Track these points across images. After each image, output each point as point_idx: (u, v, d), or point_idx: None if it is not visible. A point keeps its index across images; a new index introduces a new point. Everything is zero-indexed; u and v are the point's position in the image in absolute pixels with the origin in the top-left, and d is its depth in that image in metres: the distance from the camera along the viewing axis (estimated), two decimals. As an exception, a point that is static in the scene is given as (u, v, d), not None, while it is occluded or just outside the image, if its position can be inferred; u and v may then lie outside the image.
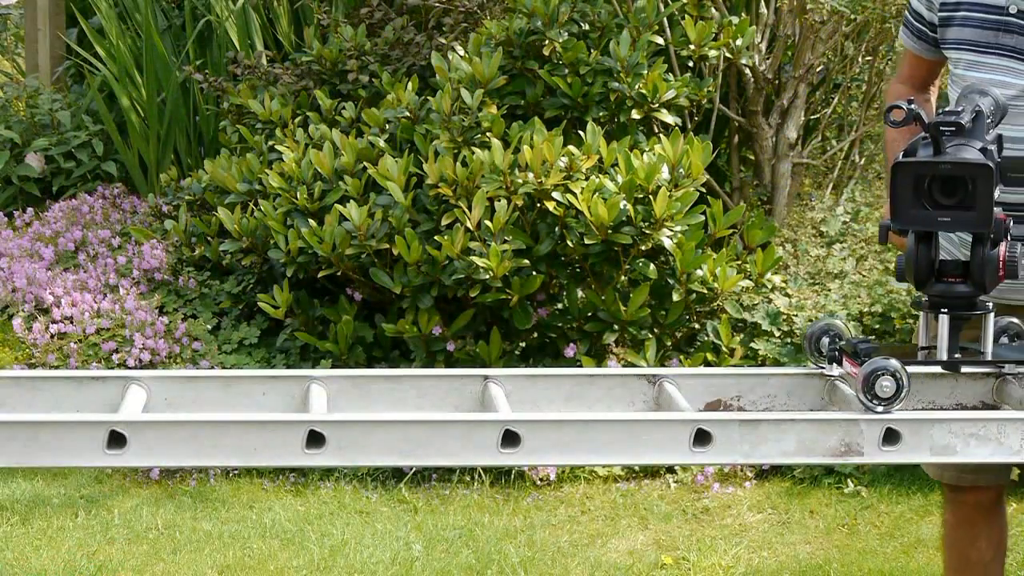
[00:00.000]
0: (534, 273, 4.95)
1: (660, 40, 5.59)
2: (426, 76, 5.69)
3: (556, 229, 4.96)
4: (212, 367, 5.23)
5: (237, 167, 5.56)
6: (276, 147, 5.48)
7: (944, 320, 2.39)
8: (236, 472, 4.98)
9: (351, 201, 5.04)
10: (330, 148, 5.23)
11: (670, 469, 4.99)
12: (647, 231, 4.88)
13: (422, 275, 4.95)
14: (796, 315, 5.21)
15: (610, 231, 4.84)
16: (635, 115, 5.32)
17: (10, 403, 2.42)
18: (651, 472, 4.98)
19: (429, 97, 5.28)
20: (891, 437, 2.25)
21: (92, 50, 7.44)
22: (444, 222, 4.91)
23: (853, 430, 2.24)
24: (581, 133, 5.13)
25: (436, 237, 4.91)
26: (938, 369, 2.44)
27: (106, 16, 7.10)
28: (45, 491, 4.85)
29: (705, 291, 5.06)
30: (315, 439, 2.22)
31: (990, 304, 2.43)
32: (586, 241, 4.87)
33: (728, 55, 5.72)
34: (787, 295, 5.36)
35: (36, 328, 5.38)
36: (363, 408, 2.49)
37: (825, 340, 2.49)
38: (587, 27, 5.51)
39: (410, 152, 5.17)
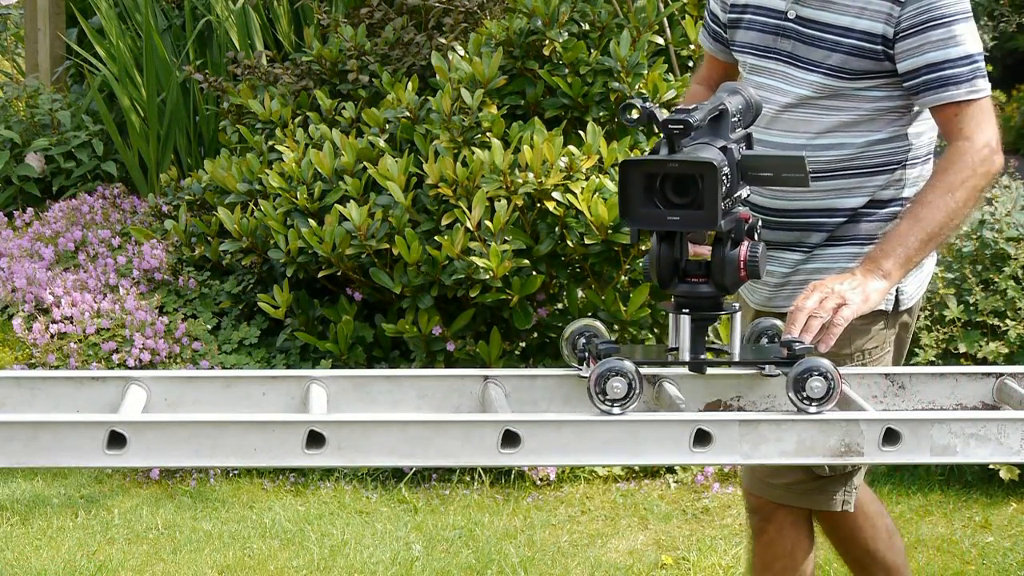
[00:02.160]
0: (534, 273, 4.95)
1: (660, 40, 5.58)
2: (426, 76, 5.69)
3: (556, 229, 4.96)
4: (212, 367, 5.23)
5: (237, 167, 5.56)
6: (276, 147, 5.48)
7: (686, 321, 2.38)
8: (236, 472, 4.98)
9: (351, 201, 5.04)
10: (330, 148, 5.23)
11: (670, 469, 4.99)
12: (647, 231, 4.88)
13: (422, 275, 4.95)
14: (796, 315, 5.20)
15: (610, 231, 4.84)
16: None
17: (10, 403, 2.42)
18: (651, 472, 4.98)
19: (429, 97, 5.28)
20: (891, 437, 2.25)
21: (92, 50, 7.44)
22: (444, 222, 4.91)
23: (853, 430, 2.25)
24: (581, 133, 5.13)
25: (436, 237, 4.91)
26: (684, 370, 2.43)
27: (106, 16, 7.10)
28: (45, 491, 4.85)
29: (705, 291, 5.05)
30: (315, 439, 2.22)
31: (737, 305, 2.42)
32: (586, 241, 4.87)
33: (728, 55, 5.71)
34: (787, 295, 5.36)
35: (36, 328, 5.38)
36: (363, 408, 2.49)
37: (582, 340, 2.47)
38: (587, 27, 5.51)
39: (410, 152, 5.17)
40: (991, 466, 4.79)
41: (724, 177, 2.29)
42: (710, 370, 2.44)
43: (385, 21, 6.12)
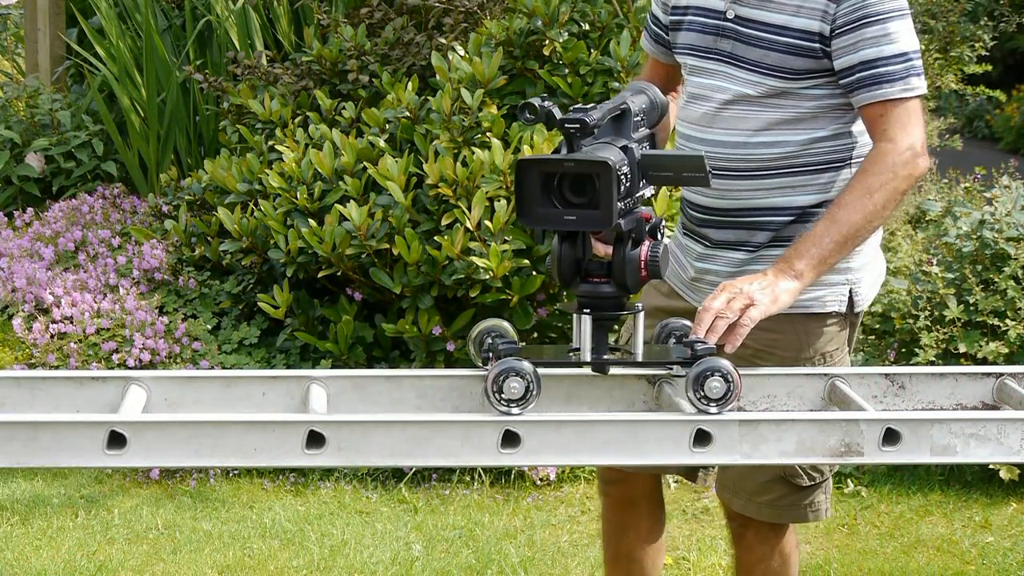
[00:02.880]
0: (534, 273, 4.95)
1: (660, 40, 5.58)
2: (426, 76, 5.69)
3: (556, 229, 4.95)
4: (212, 367, 5.23)
5: (237, 167, 5.56)
6: (276, 147, 5.48)
7: (587, 320, 2.37)
8: (236, 472, 4.98)
9: (351, 201, 5.04)
10: (330, 148, 5.23)
11: (670, 469, 4.99)
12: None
13: (422, 275, 4.95)
14: (796, 315, 5.20)
15: (610, 231, 4.84)
16: (635, 115, 5.32)
17: (10, 403, 2.42)
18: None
19: (429, 97, 5.28)
20: (891, 437, 2.25)
21: (92, 50, 7.44)
22: (444, 222, 4.91)
23: (853, 430, 2.24)
24: (581, 133, 5.12)
25: (436, 237, 4.91)
26: (587, 371, 2.41)
27: (106, 16, 7.10)
28: (45, 491, 4.85)
29: (705, 291, 5.06)
30: (315, 439, 2.22)
31: (639, 305, 2.40)
32: (586, 241, 4.87)
33: (728, 55, 5.71)
34: (787, 295, 5.36)
35: (36, 328, 5.38)
36: (363, 408, 2.49)
37: (488, 340, 2.46)
38: (587, 27, 5.51)
39: (410, 152, 5.17)
40: (991, 466, 4.79)
41: (623, 176, 2.27)
42: (614, 369, 2.41)
43: (385, 21, 6.11)
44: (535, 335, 5.17)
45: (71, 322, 5.45)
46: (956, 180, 6.88)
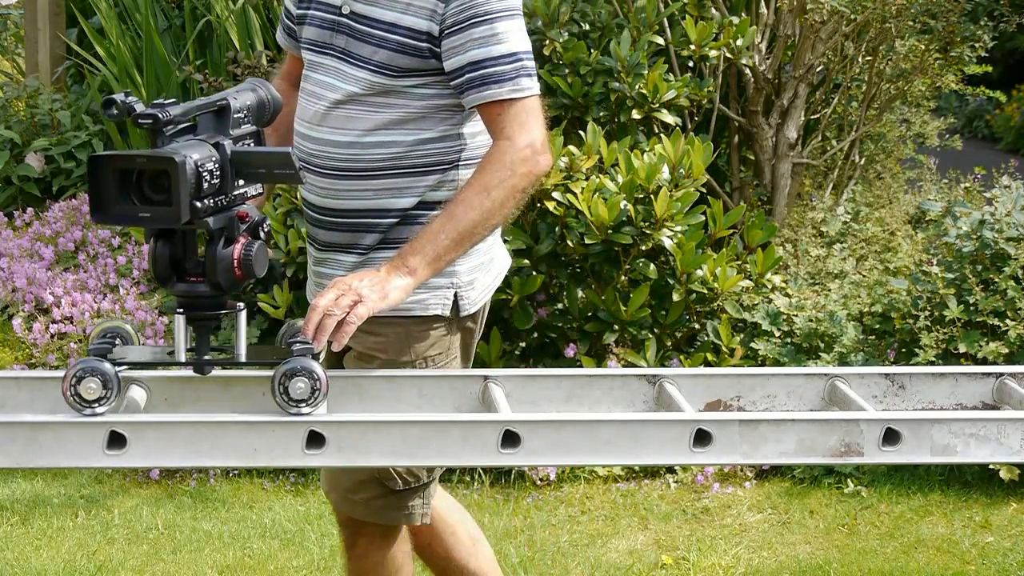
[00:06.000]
0: (534, 273, 4.95)
1: (660, 40, 5.59)
2: (426, 76, 5.69)
3: (556, 229, 4.96)
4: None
5: (237, 167, 5.56)
6: (276, 147, 5.48)
7: (180, 320, 2.36)
8: (236, 472, 4.98)
9: (351, 201, 5.04)
10: (330, 148, 5.23)
11: (670, 469, 4.99)
12: (647, 231, 4.88)
13: (422, 275, 4.95)
14: (796, 315, 5.21)
15: (610, 231, 4.84)
16: (635, 115, 5.32)
17: (10, 403, 2.42)
18: (651, 472, 4.98)
19: (429, 97, 5.28)
20: (891, 437, 2.25)
21: (92, 50, 7.44)
22: (444, 222, 4.91)
23: (853, 430, 2.24)
24: (581, 133, 5.13)
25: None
26: (188, 372, 2.41)
27: (106, 16, 7.10)
28: (45, 491, 4.85)
29: (705, 291, 5.06)
30: (315, 439, 2.22)
31: (241, 304, 2.39)
32: (586, 241, 4.87)
33: (728, 55, 5.72)
34: (787, 295, 5.36)
35: (36, 328, 5.38)
36: (363, 408, 2.49)
37: (118, 343, 2.45)
38: (587, 27, 5.51)
39: (410, 152, 5.16)
40: (991, 466, 4.79)
41: (208, 173, 2.25)
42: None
43: (385, 21, 6.11)
44: (535, 335, 5.17)
45: (71, 322, 5.45)
46: (956, 180, 6.88)
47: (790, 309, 5.23)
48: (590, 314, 5.03)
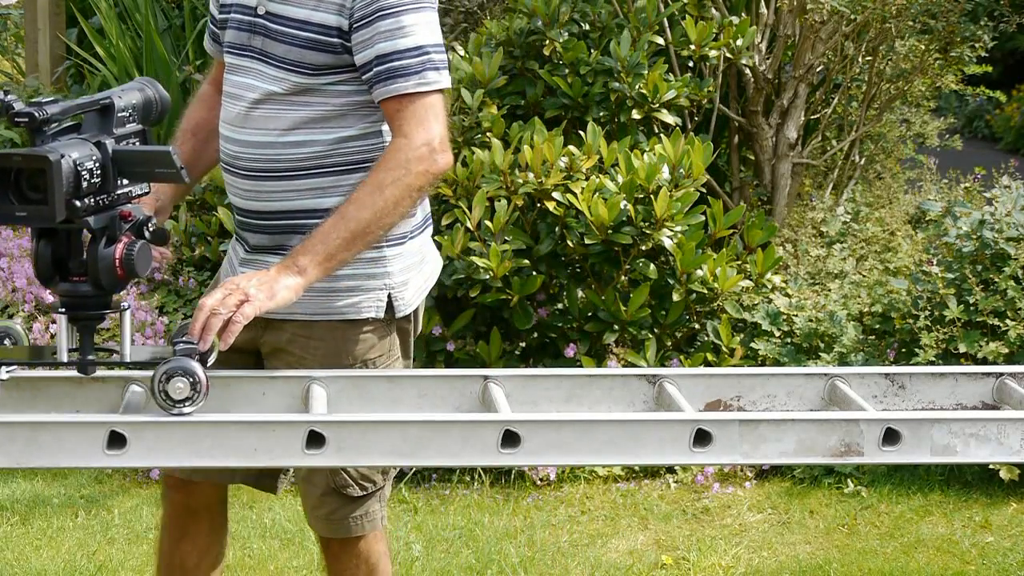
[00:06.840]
0: (534, 273, 4.95)
1: (660, 40, 5.59)
2: (426, 76, 5.68)
3: (556, 229, 4.96)
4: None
5: (237, 167, 5.56)
6: (276, 147, 5.48)
7: (62, 320, 2.36)
8: (236, 472, 4.98)
9: (351, 201, 5.03)
10: (330, 148, 5.23)
11: (670, 469, 4.99)
12: (647, 231, 4.88)
13: (422, 275, 4.95)
14: (796, 315, 5.21)
15: (610, 231, 4.84)
16: (635, 115, 5.32)
17: (10, 403, 2.42)
18: (651, 472, 4.98)
19: (429, 97, 5.28)
20: (891, 437, 2.25)
21: (92, 50, 7.43)
22: (444, 222, 4.91)
23: (853, 430, 2.25)
24: (581, 133, 5.13)
25: (436, 237, 4.91)
26: (71, 372, 2.40)
27: (106, 16, 7.10)
28: (45, 491, 4.85)
29: (705, 291, 5.06)
30: (315, 439, 2.22)
31: (126, 304, 2.39)
32: (586, 241, 4.87)
33: (728, 55, 5.72)
34: (787, 295, 5.36)
35: (36, 328, 5.38)
36: (363, 408, 2.49)
37: (7, 343, 2.46)
38: (587, 27, 5.51)
39: (410, 152, 5.16)
40: (991, 466, 4.79)
41: (88, 172, 2.25)
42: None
43: (385, 21, 6.11)
44: (535, 335, 5.17)
45: (71, 322, 5.45)
46: (956, 180, 6.88)
47: (790, 309, 5.23)
48: (590, 314, 5.03)
